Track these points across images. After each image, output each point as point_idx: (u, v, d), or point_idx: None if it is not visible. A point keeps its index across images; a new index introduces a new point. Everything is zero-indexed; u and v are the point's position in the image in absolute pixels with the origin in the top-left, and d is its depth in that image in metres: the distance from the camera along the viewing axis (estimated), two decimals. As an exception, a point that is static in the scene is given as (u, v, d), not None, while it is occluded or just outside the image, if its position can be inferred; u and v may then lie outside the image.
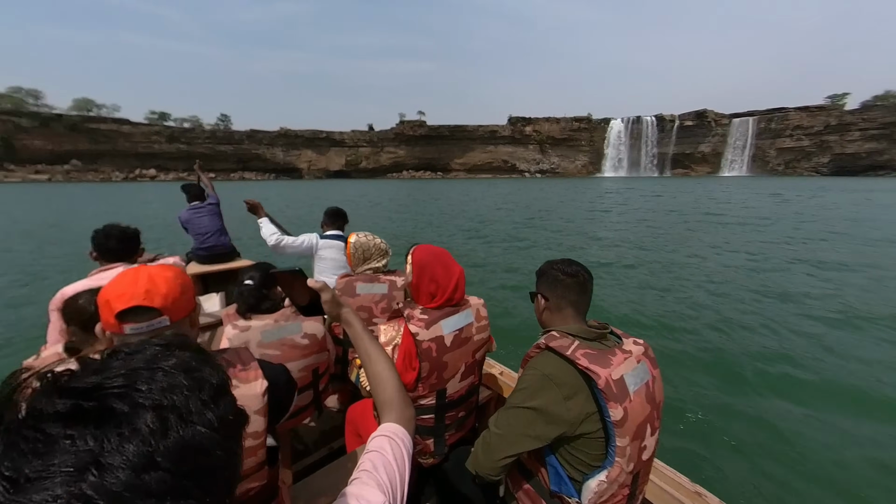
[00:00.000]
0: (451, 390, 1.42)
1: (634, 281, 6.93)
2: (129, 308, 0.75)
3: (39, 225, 14.81)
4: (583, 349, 1.03)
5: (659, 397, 1.06)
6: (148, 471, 0.27)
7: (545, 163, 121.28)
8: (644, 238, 11.39)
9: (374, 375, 0.77)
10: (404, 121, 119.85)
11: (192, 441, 0.30)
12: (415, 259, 1.42)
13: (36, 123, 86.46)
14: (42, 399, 0.28)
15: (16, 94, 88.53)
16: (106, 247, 1.79)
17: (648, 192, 34.08)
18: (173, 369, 0.33)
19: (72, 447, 0.26)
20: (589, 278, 1.20)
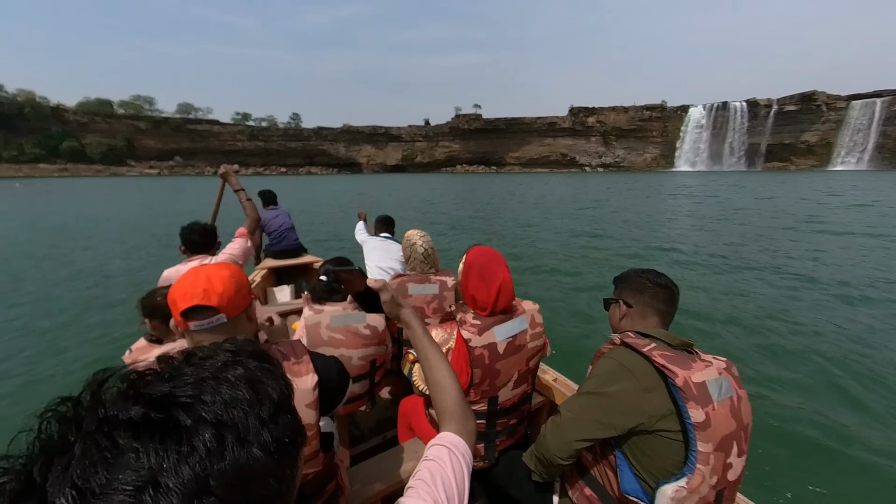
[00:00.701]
0: (504, 398, 1.38)
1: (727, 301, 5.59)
2: (190, 307, 0.84)
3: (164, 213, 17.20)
4: (660, 350, 0.99)
5: (746, 419, 0.99)
6: (200, 496, 0.28)
7: (609, 156, 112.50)
8: (744, 249, 8.94)
9: (434, 382, 0.75)
10: (460, 114, 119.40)
11: (247, 466, 0.31)
12: (465, 261, 1.40)
13: (150, 126, 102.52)
14: (118, 404, 0.30)
15: (136, 101, 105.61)
16: (191, 240, 2.12)
17: (745, 190, 28.80)
18: (238, 380, 0.34)
19: (136, 463, 0.27)
20: (677, 292, 1.16)
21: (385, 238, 3.00)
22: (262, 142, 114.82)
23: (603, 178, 55.88)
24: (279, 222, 4.44)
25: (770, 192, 26.23)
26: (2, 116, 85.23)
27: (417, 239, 2.12)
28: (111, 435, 0.28)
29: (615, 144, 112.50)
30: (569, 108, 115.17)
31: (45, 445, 0.28)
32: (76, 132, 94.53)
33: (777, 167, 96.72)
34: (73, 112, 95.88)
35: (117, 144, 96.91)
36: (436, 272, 2.13)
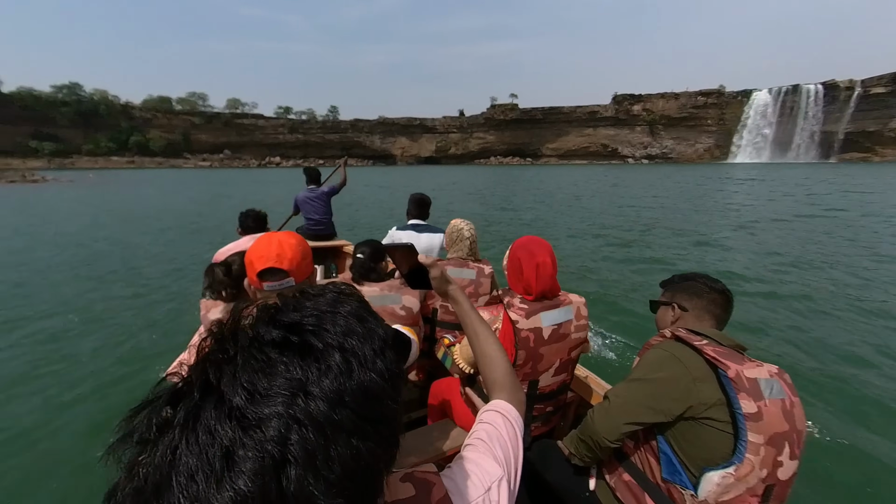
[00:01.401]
0: (543, 383, 1.42)
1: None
2: (265, 269, 0.93)
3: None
4: (712, 346, 1.00)
5: (800, 425, 0.96)
6: (339, 407, 0.33)
7: (655, 146, 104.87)
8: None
9: (483, 355, 0.78)
10: (495, 104, 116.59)
11: (370, 386, 0.36)
12: (512, 250, 1.45)
13: (203, 121, 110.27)
14: (262, 326, 0.36)
15: (191, 97, 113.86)
16: (246, 224, 2.63)
17: (831, 184, 23.78)
18: (349, 315, 0.39)
19: (286, 373, 0.33)
20: (732, 299, 1.16)
21: (415, 228, 2.81)
22: (302, 134, 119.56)
23: (650, 171, 51.77)
24: (314, 206, 4.60)
25: (869, 186, 21.88)
26: (82, 114, 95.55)
27: (464, 227, 2.22)
28: (263, 350, 0.34)
29: (663, 134, 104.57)
30: (612, 95, 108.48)
31: (211, 357, 0.34)
32: (141, 127, 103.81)
33: (857, 158, 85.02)
34: (138, 109, 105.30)
35: (175, 138, 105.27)
36: (475, 260, 2.23)
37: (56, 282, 5.89)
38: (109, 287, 5.65)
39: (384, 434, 0.36)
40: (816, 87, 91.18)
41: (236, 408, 0.31)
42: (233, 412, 0.31)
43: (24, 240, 9.04)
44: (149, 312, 4.68)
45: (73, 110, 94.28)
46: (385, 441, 0.36)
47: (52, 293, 5.33)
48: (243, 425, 0.30)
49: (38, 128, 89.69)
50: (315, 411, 0.32)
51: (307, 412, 0.32)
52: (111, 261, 7.14)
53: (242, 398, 0.31)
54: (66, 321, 4.39)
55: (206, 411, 0.31)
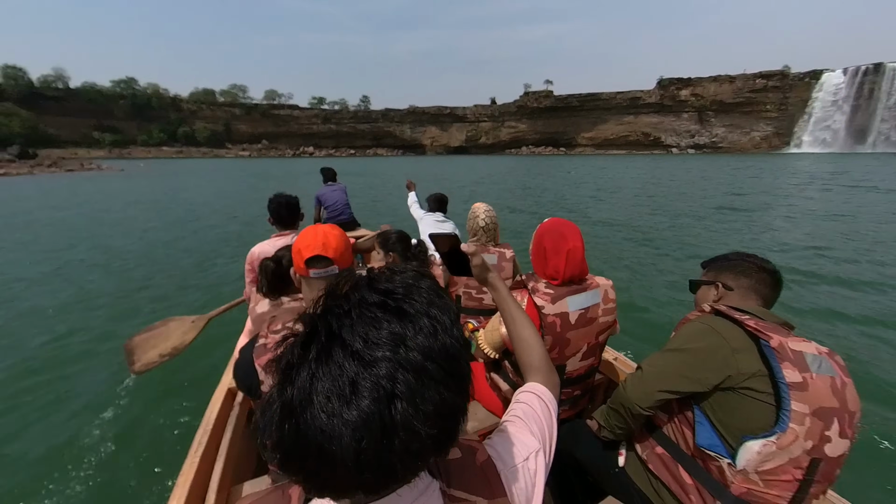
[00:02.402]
0: (571, 368, 1.41)
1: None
2: (313, 256, 0.98)
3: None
4: (754, 320, 0.96)
5: (853, 406, 0.91)
6: (430, 360, 0.40)
7: (703, 135, 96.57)
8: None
9: (520, 339, 0.82)
10: (528, 92, 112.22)
11: (451, 348, 0.42)
12: (538, 234, 1.42)
13: (243, 112, 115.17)
14: (364, 290, 0.44)
15: (232, 89, 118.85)
16: (278, 213, 2.34)
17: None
18: (429, 289, 0.46)
19: (390, 327, 0.40)
20: (781, 278, 1.12)
21: (440, 218, 3.11)
22: (335, 124, 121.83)
23: (701, 162, 46.96)
24: (336, 197, 4.89)
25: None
26: (136, 106, 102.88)
27: (481, 212, 2.20)
28: (370, 309, 0.42)
29: (713, 121, 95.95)
30: (657, 79, 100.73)
31: (331, 311, 0.42)
32: (188, 119, 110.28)
33: (952, 148, 73.42)
34: (185, 101, 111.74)
35: (218, 129, 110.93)
36: (495, 244, 2.22)
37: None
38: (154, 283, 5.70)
39: (460, 387, 0.43)
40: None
41: (356, 351, 0.38)
42: (354, 353, 0.38)
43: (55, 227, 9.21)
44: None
45: (129, 103, 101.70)
46: (461, 392, 0.43)
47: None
48: (363, 363, 0.38)
49: (100, 120, 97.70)
50: (413, 359, 0.39)
51: (408, 359, 0.39)
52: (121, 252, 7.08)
53: (360, 343, 0.39)
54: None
55: (335, 350, 0.39)
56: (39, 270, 5.91)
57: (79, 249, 7.19)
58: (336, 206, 4.89)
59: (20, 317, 4.31)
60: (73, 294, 4.98)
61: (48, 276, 5.64)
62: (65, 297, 4.89)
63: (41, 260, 6.44)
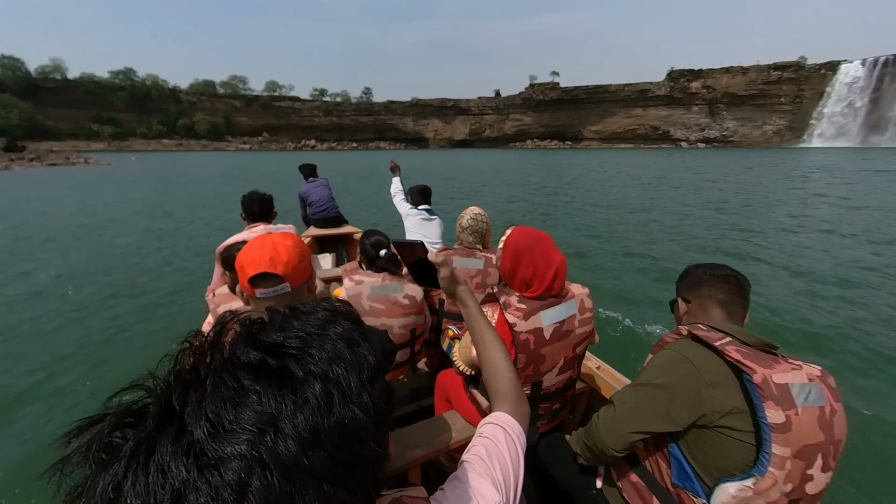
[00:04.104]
0: (548, 383, 1.35)
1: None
2: (257, 274, 0.86)
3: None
4: (735, 346, 0.90)
5: (839, 434, 0.88)
6: (313, 448, 0.30)
7: (714, 128, 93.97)
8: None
9: (488, 362, 0.75)
10: (534, 84, 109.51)
11: (351, 424, 0.33)
12: (509, 242, 1.31)
13: (243, 104, 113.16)
14: (240, 347, 0.34)
15: (232, 80, 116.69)
16: (251, 209, 2.32)
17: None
18: (339, 339, 0.37)
19: (258, 405, 0.30)
20: (745, 283, 1.07)
21: (425, 213, 3.02)
22: (336, 117, 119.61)
23: (715, 156, 45.05)
24: (319, 193, 4.71)
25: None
26: (135, 98, 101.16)
27: (467, 213, 2.14)
28: (236, 375, 0.32)
29: (724, 114, 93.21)
30: (667, 71, 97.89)
31: (179, 376, 0.32)
32: (188, 111, 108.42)
33: (973, 143, 70.87)
34: (185, 93, 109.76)
35: (218, 121, 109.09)
36: (483, 248, 2.13)
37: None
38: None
39: (361, 480, 0.33)
40: (927, 55, 76.30)
41: (196, 442, 0.28)
42: (191, 447, 0.28)
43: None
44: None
45: (127, 95, 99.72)
46: (362, 487, 0.34)
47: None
48: (200, 464, 0.28)
49: (98, 112, 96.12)
50: (283, 452, 0.29)
51: (274, 453, 0.29)
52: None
53: (204, 431, 0.29)
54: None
55: (161, 444, 0.28)
56: None
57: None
58: (321, 203, 4.68)
59: None
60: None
61: None
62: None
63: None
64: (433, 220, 3.03)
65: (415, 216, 3.02)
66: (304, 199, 4.73)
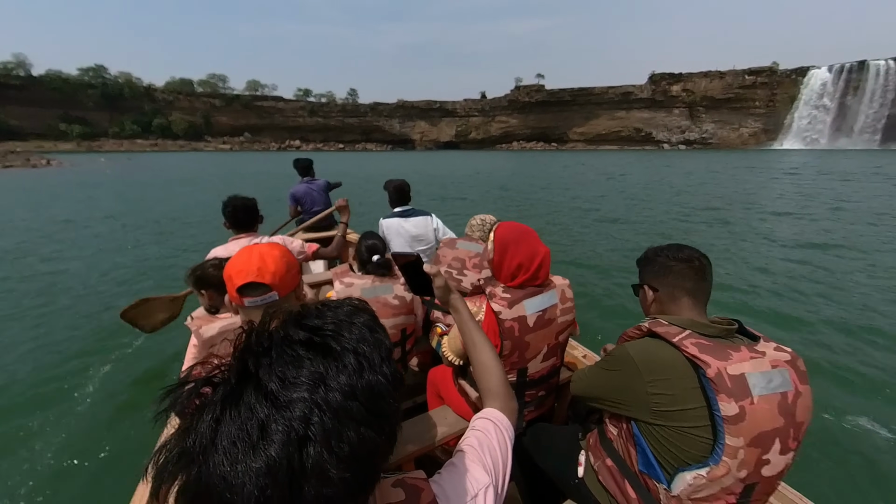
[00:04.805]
0: (533, 370, 1.42)
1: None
2: (245, 284, 0.89)
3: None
4: (694, 339, 0.93)
5: (801, 417, 0.90)
6: (352, 399, 0.40)
7: (694, 131, 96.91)
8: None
9: (479, 363, 0.80)
10: (520, 86, 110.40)
11: (377, 385, 0.43)
12: (497, 236, 1.39)
13: (223, 103, 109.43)
14: (290, 327, 0.44)
15: (211, 79, 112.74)
16: (234, 217, 2.17)
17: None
18: (363, 326, 0.47)
19: (311, 365, 0.40)
20: (707, 263, 1.06)
21: (398, 217, 2.82)
22: (322, 118, 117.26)
23: (693, 158, 46.72)
24: (315, 197, 4.45)
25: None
26: (107, 97, 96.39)
27: (478, 217, 2.38)
28: (293, 346, 0.41)
29: (703, 117, 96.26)
30: (649, 74, 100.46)
31: (248, 348, 0.41)
32: (164, 110, 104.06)
33: (930, 145, 75.50)
34: (161, 91, 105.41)
35: (196, 121, 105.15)
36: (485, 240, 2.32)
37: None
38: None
39: (385, 428, 0.43)
40: (888, 62, 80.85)
41: (271, 391, 0.37)
42: (268, 395, 0.37)
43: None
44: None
45: (98, 93, 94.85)
46: (385, 433, 0.43)
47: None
48: (276, 405, 0.37)
49: (67, 111, 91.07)
50: (332, 400, 0.39)
51: (326, 400, 0.38)
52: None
53: (276, 384, 0.38)
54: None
55: (247, 392, 0.37)
56: None
57: None
58: (317, 206, 4.33)
59: None
60: None
61: None
62: None
63: None
64: (410, 220, 2.80)
65: (388, 226, 2.81)
66: (298, 200, 4.37)
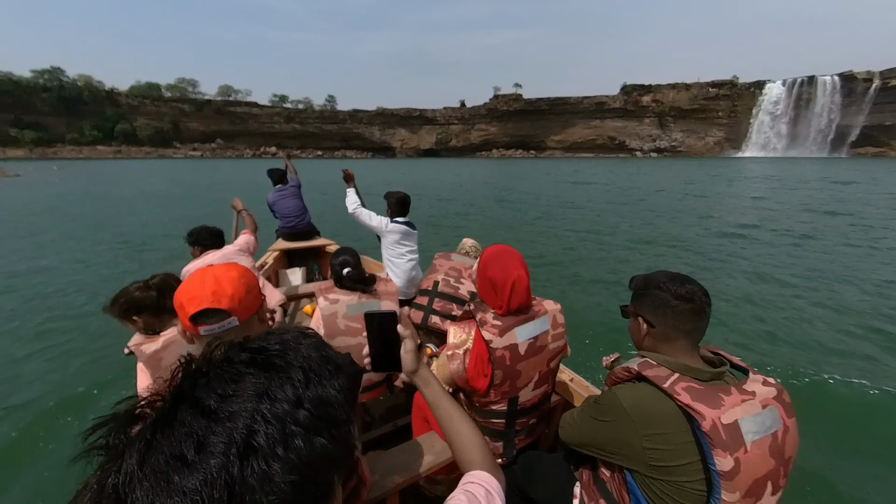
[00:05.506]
0: (524, 398, 1.38)
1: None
2: (200, 311, 0.80)
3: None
4: (685, 382, 0.88)
5: (790, 452, 0.88)
6: (298, 407, 0.38)
7: (664, 139, 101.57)
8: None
9: (458, 434, 0.75)
10: (498, 94, 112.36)
11: (325, 396, 0.41)
12: (480, 258, 1.38)
13: (194, 108, 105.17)
14: (232, 350, 0.43)
15: (181, 83, 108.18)
16: (202, 238, 2.40)
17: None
18: (309, 346, 0.46)
19: (253, 379, 0.39)
20: (707, 302, 0.98)
21: (406, 226, 2.79)
22: (299, 124, 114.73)
23: (663, 165, 48.81)
24: (289, 204, 4.28)
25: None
26: (65, 100, 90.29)
27: (470, 245, 2.49)
28: (233, 366, 0.40)
29: (672, 126, 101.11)
30: (621, 86, 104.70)
31: (187, 373, 0.40)
32: (128, 115, 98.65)
33: (871, 153, 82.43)
34: (125, 95, 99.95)
35: (164, 127, 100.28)
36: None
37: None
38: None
39: (335, 435, 0.40)
40: (833, 78, 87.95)
41: (209, 406, 0.35)
42: (206, 410, 0.35)
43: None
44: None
45: (54, 96, 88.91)
46: (337, 441, 0.40)
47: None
48: (215, 419, 0.34)
49: (18, 115, 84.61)
50: (277, 409, 0.37)
51: (270, 410, 0.36)
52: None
53: (215, 400, 0.36)
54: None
55: (181, 410, 0.35)
56: None
57: None
58: (290, 214, 4.26)
59: None
60: None
61: None
62: None
63: None
64: (415, 233, 2.82)
65: (394, 232, 2.70)
66: (272, 208, 4.29)
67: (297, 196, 4.37)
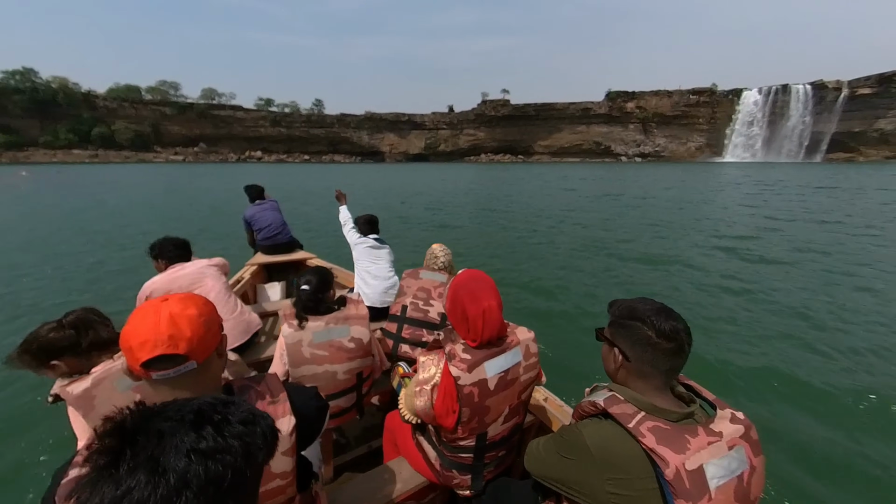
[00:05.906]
0: (493, 433, 1.33)
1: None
2: (153, 358, 0.73)
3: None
4: (651, 422, 0.86)
5: (756, 492, 0.86)
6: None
7: (648, 145, 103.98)
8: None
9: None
10: (486, 100, 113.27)
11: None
12: (451, 286, 1.31)
13: (175, 111, 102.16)
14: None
15: (162, 86, 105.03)
16: (167, 250, 2.26)
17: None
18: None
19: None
20: (689, 341, 0.94)
21: (372, 241, 3.02)
22: (285, 128, 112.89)
23: (647, 170, 50.01)
24: (268, 217, 4.30)
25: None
26: (38, 102, 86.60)
27: (440, 252, 2.38)
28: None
29: (655, 132, 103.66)
30: (606, 92, 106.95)
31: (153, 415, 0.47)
32: (106, 118, 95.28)
33: (843, 158, 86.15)
34: (102, 98, 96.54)
35: (144, 130, 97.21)
36: (449, 272, 2.34)
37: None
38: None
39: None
40: (805, 87, 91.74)
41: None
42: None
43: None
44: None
45: (27, 98, 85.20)
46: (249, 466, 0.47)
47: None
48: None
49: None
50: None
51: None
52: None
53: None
54: None
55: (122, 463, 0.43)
56: None
57: None
58: (270, 228, 4.27)
59: None
60: None
61: None
62: None
63: None
64: (383, 247, 3.01)
65: (363, 245, 2.97)
66: (250, 223, 4.30)
67: (276, 210, 4.38)
